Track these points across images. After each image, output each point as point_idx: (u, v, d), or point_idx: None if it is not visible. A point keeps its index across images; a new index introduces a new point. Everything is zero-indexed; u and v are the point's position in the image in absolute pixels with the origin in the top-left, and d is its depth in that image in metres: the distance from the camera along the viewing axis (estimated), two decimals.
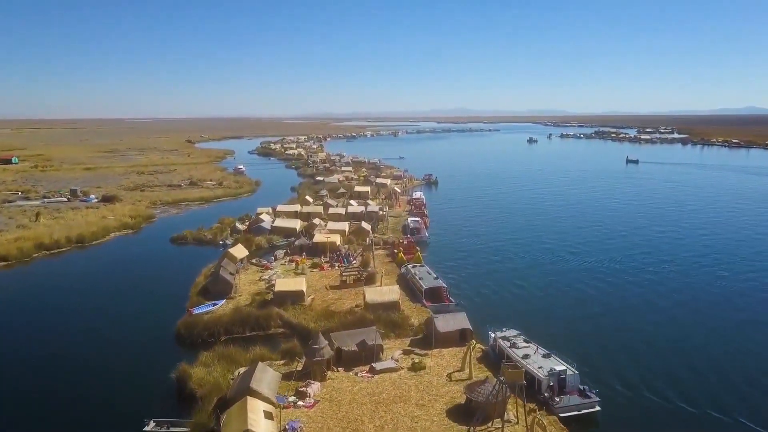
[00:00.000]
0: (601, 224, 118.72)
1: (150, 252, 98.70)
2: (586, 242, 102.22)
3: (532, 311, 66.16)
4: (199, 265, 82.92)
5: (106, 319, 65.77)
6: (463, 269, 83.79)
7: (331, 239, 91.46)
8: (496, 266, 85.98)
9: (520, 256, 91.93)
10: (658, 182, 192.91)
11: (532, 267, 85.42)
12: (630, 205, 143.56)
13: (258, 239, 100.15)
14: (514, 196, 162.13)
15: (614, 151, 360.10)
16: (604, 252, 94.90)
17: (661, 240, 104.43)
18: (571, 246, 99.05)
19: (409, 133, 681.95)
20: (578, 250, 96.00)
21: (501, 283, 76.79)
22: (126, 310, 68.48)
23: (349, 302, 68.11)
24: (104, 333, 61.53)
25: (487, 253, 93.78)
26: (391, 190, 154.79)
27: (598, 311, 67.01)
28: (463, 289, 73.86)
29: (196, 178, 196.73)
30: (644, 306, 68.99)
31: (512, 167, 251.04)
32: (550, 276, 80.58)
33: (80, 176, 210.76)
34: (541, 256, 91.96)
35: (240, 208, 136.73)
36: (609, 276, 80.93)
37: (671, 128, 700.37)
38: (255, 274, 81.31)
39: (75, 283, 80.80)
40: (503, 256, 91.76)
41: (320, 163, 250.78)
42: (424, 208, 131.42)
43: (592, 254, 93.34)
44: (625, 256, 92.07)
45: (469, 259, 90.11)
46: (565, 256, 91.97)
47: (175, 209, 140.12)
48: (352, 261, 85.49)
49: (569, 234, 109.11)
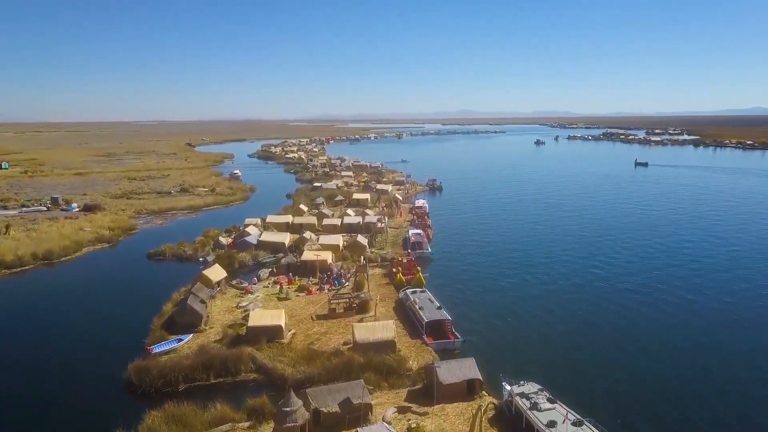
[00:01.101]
0: (621, 235, 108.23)
1: (122, 270, 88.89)
2: (610, 258, 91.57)
3: (556, 354, 55.05)
4: (173, 286, 73.19)
5: (47, 359, 55.80)
6: (470, 293, 73.56)
7: (321, 257, 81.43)
8: (509, 289, 75.64)
9: (537, 276, 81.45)
10: (672, 186, 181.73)
11: (553, 291, 74.82)
12: (649, 212, 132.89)
13: (242, 255, 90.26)
14: (524, 203, 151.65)
15: (624, 153, 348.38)
16: (630, 269, 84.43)
17: (695, 253, 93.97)
18: (594, 262, 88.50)
19: (413, 136, 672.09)
20: (603, 267, 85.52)
21: (516, 313, 66.31)
22: (75, 347, 58.51)
23: (337, 338, 58.09)
24: (40, 378, 51.66)
25: (498, 272, 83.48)
26: (391, 198, 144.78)
27: (634, 351, 56.34)
28: (471, 320, 63.63)
29: (188, 184, 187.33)
30: (696, 346, 58.16)
31: (521, 171, 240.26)
32: (575, 302, 70.06)
33: (69, 182, 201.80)
34: (562, 277, 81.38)
35: (229, 218, 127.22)
36: (641, 303, 70.45)
37: (680, 129, 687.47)
38: (233, 299, 71.39)
39: (22, 310, 70.62)
40: (518, 277, 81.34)
41: (320, 168, 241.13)
42: (427, 217, 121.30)
43: (620, 273, 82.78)
44: (655, 275, 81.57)
45: (478, 280, 79.77)
46: (589, 276, 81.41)
47: (159, 219, 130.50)
48: (344, 283, 75.51)
49: (590, 247, 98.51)
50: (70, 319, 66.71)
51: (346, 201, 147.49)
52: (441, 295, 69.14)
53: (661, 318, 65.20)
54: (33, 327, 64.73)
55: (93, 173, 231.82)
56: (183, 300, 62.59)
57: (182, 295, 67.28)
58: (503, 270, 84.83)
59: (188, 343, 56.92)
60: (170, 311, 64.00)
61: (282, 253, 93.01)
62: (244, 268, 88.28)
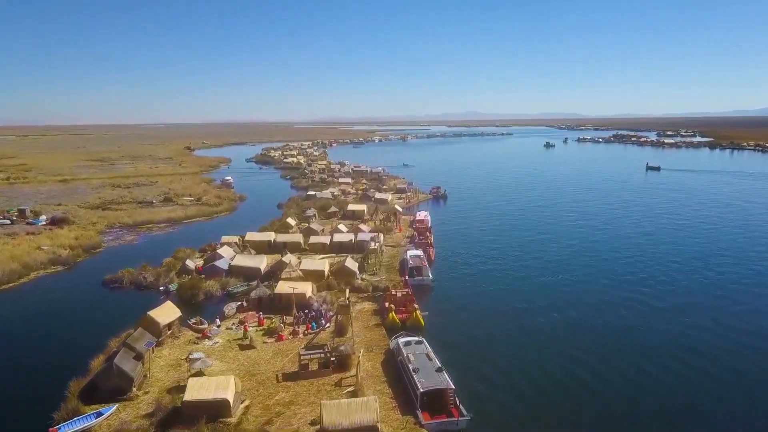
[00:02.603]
0: (655, 257, 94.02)
1: (68, 302, 75.39)
2: (652, 288, 77.59)
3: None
4: (123, 325, 60.12)
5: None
6: (479, 340, 59.48)
7: (298, 290, 67.63)
8: (527, 333, 61.59)
9: (563, 312, 67.29)
10: (689, 195, 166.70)
11: (583, 338, 60.80)
12: (675, 229, 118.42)
13: (210, 284, 76.67)
14: (536, 215, 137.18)
15: (636, 156, 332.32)
16: (675, 301, 70.40)
17: (722, 278, 79.63)
18: (632, 293, 74.45)
19: (419, 138, 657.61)
20: (643, 299, 71.48)
21: (540, 371, 52.35)
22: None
23: (305, 412, 44.23)
24: None
25: (512, 308, 69.34)
26: (390, 210, 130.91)
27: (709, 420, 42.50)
28: (480, 382, 49.69)
29: (174, 192, 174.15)
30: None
31: (532, 177, 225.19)
32: (617, 352, 56.19)
33: (49, 190, 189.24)
34: (591, 313, 67.37)
35: (211, 233, 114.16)
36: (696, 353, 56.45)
37: (693, 131, 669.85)
38: (185, 347, 57.80)
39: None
40: (539, 313, 67.15)
41: (318, 173, 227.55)
42: (429, 233, 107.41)
43: (664, 308, 68.79)
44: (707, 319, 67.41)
45: (488, 320, 65.57)
46: (624, 312, 67.39)
47: (131, 234, 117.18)
48: (324, 324, 61.82)
49: (621, 273, 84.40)
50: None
51: (340, 212, 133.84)
52: (442, 345, 55.43)
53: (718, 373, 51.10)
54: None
55: (78, 180, 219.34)
56: (110, 358, 48.95)
57: (124, 340, 53.74)
58: (517, 304, 70.72)
59: (109, 419, 43.42)
60: (98, 368, 50.46)
61: (257, 280, 79.48)
62: (211, 300, 74.82)
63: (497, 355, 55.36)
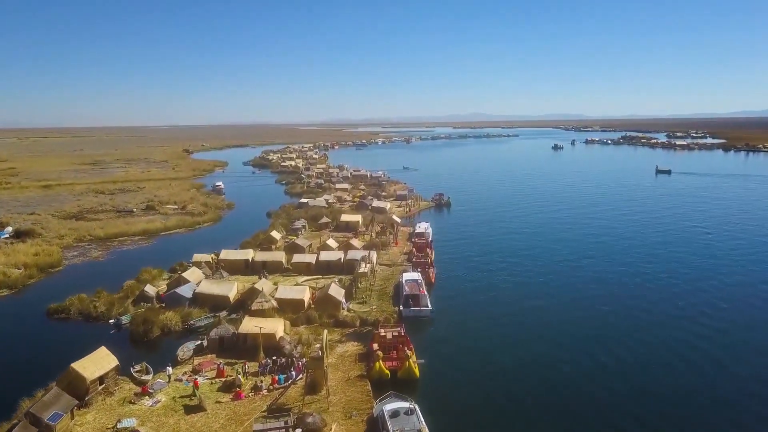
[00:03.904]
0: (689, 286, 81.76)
1: (3, 338, 63.93)
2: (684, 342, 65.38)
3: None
4: (56, 372, 48.51)
5: None
6: (490, 403, 47.43)
7: (266, 330, 55.71)
8: (551, 388, 49.51)
9: (596, 358, 55.25)
10: (704, 202, 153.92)
11: (625, 403, 48.82)
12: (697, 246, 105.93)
13: (169, 316, 64.92)
14: (550, 225, 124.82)
15: (649, 158, 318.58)
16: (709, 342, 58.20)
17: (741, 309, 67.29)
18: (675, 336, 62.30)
19: (423, 140, 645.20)
20: (685, 340, 59.27)
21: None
22: None
23: None
24: None
25: (530, 350, 57.30)
26: (388, 221, 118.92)
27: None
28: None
29: (159, 200, 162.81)
30: None
31: (541, 181, 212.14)
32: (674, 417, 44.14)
33: (29, 197, 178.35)
34: (630, 366, 55.30)
35: (190, 247, 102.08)
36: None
37: (703, 132, 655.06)
38: (117, 408, 46.03)
39: None
40: (564, 358, 55.15)
41: (315, 178, 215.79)
42: (430, 249, 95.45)
43: (700, 343, 56.60)
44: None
45: (501, 367, 53.67)
46: (668, 369, 55.30)
47: (99, 249, 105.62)
48: (293, 376, 49.92)
49: (662, 305, 72.25)
50: None
51: (332, 223, 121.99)
52: (442, 410, 43.55)
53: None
54: None
55: (62, 185, 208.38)
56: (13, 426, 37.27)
57: (44, 394, 42.07)
58: (535, 345, 58.61)
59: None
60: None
61: (223, 312, 67.81)
62: (170, 335, 63.16)
63: (513, 426, 43.29)
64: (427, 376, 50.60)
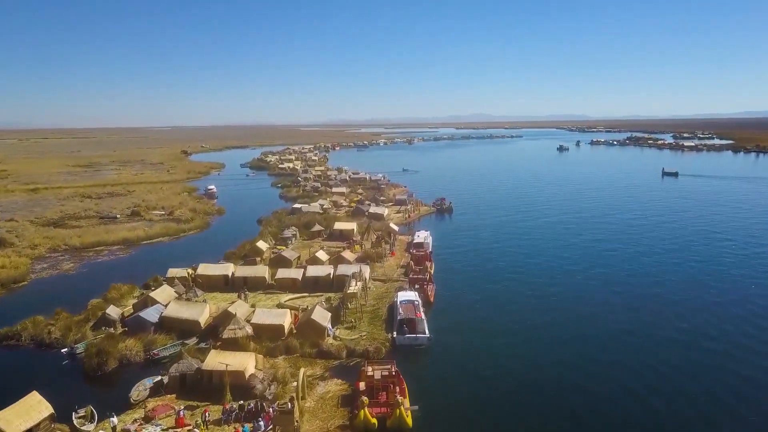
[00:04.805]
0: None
1: None
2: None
3: None
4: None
5: None
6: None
7: (233, 367, 47.60)
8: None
9: (623, 408, 47.15)
10: (715, 207, 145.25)
11: None
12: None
13: (129, 344, 56.97)
14: (560, 232, 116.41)
15: (658, 160, 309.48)
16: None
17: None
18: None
19: (425, 141, 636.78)
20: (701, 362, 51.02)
21: None
22: None
23: None
24: None
25: (543, 392, 49.15)
26: (385, 229, 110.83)
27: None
28: None
29: (146, 205, 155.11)
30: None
31: (548, 184, 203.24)
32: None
33: (11, 201, 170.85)
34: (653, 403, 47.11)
35: (168, 258, 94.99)
36: None
37: (710, 133, 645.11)
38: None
39: None
40: (586, 408, 47.09)
41: (312, 181, 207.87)
42: (429, 262, 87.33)
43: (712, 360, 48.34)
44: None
45: (509, 419, 45.53)
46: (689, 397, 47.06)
47: (73, 261, 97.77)
48: (262, 427, 41.84)
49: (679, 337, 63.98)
50: None
51: (325, 231, 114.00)
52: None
53: None
54: None
55: (50, 189, 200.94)
56: None
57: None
58: (543, 385, 50.46)
59: None
60: None
61: (197, 336, 59.90)
62: (129, 368, 55.20)
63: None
64: (421, 428, 42.52)
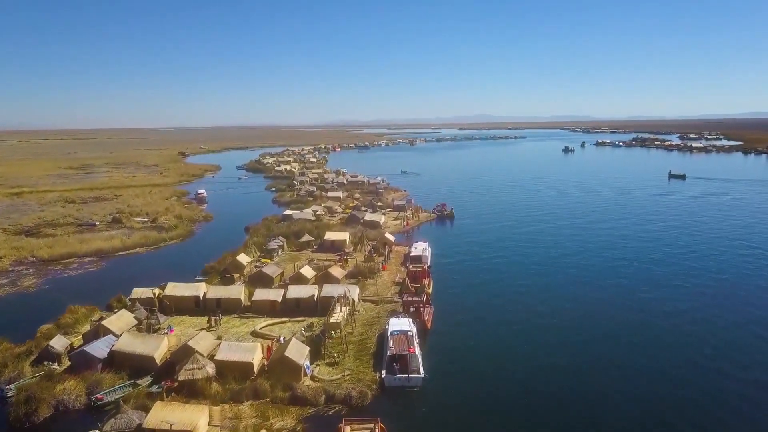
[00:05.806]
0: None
1: None
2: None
3: None
4: None
5: None
6: None
7: (178, 427, 38.63)
8: None
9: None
10: (727, 214, 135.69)
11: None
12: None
13: (68, 386, 48.18)
14: (567, 240, 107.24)
15: (667, 162, 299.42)
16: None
17: None
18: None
19: (428, 142, 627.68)
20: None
21: None
22: None
23: None
24: None
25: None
26: (380, 239, 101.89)
27: None
28: None
29: (130, 211, 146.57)
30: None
31: (554, 188, 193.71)
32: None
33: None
34: None
35: (141, 273, 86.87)
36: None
37: (717, 134, 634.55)
38: None
39: None
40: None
41: (307, 185, 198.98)
42: (428, 278, 78.32)
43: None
44: None
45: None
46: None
47: (37, 275, 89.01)
48: None
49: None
50: None
51: (316, 242, 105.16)
52: None
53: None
54: None
55: (35, 192, 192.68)
56: None
57: None
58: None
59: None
60: None
61: (152, 374, 51.04)
62: (67, 416, 46.45)
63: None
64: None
